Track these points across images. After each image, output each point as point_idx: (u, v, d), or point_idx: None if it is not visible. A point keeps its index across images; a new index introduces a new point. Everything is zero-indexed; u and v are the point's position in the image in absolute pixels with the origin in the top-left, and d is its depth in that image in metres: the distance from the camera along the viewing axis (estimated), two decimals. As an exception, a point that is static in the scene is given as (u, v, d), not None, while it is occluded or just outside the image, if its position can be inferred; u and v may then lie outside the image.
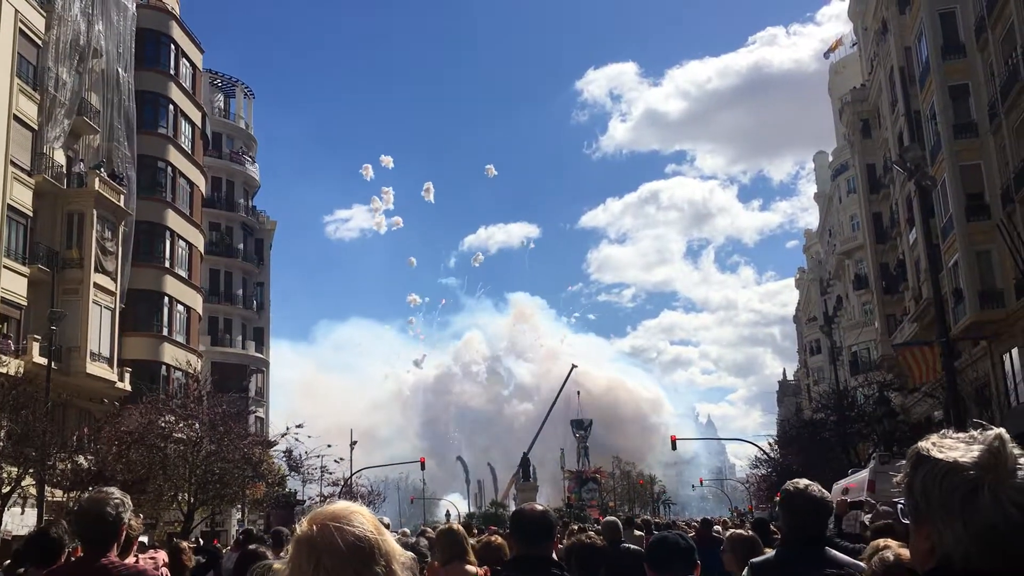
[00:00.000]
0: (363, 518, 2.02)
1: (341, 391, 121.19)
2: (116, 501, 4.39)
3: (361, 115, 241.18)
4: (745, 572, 4.33)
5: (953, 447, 1.61)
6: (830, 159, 73.94)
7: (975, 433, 1.63)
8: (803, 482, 4.39)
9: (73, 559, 5.16)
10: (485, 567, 6.16)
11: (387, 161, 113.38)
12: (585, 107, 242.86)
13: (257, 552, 7.83)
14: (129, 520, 5.25)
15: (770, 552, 4.56)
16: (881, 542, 4.40)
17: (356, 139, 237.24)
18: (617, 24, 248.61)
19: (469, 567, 6.03)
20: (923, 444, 1.65)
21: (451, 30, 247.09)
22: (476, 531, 21.10)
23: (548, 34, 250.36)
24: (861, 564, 3.89)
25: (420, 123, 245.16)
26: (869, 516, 9.77)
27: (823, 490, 4.36)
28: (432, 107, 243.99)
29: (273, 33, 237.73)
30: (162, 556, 6.91)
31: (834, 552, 4.22)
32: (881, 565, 3.22)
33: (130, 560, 5.30)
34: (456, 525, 6.86)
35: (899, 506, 1.98)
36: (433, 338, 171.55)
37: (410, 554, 2.12)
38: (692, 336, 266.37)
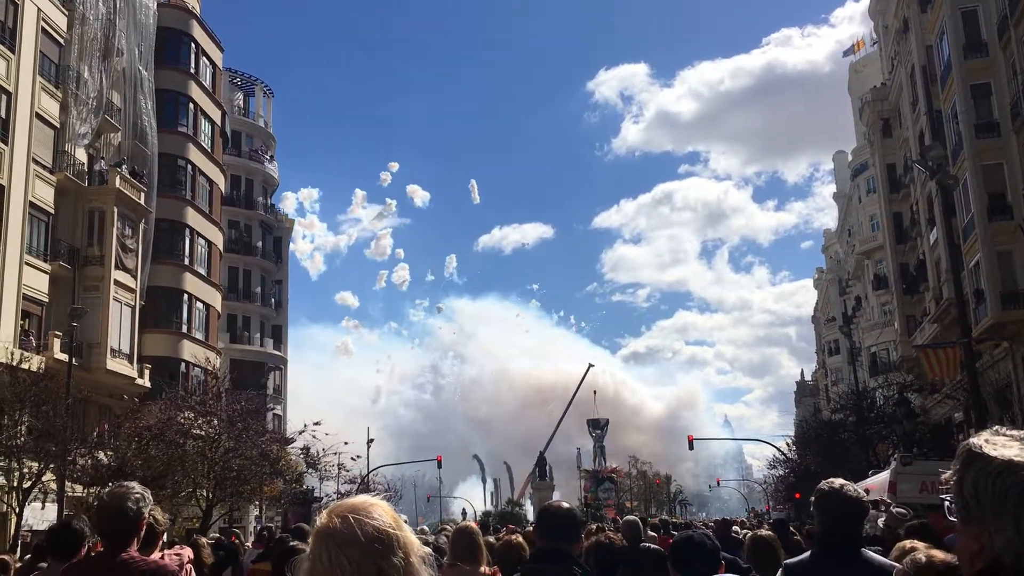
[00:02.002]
0: (382, 511, 2.05)
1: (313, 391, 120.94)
2: (137, 495, 4.38)
3: (374, 115, 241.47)
4: (779, 574, 4.26)
5: (1007, 445, 1.55)
6: (850, 158, 73.54)
7: None
8: (838, 482, 4.26)
9: (93, 554, 5.17)
10: (495, 567, 6.14)
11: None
12: (597, 108, 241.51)
13: (296, 548, 7.92)
14: (154, 514, 5.25)
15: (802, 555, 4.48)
16: (908, 543, 4.34)
17: (369, 137, 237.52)
18: (628, 24, 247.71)
19: (482, 569, 6.01)
20: (975, 441, 1.60)
21: (464, 31, 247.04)
22: (493, 530, 21.11)
23: (561, 34, 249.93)
24: (898, 566, 3.82)
25: (433, 124, 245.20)
26: (884, 518, 9.68)
27: (859, 490, 4.23)
28: (445, 108, 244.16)
29: (293, 32, 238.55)
30: (187, 553, 6.92)
31: (870, 554, 4.12)
32: (913, 566, 3.16)
33: (155, 555, 5.30)
34: (472, 524, 6.83)
35: (945, 504, 1.89)
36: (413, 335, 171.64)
37: (428, 548, 2.11)
38: (707, 336, 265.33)
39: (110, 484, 4.86)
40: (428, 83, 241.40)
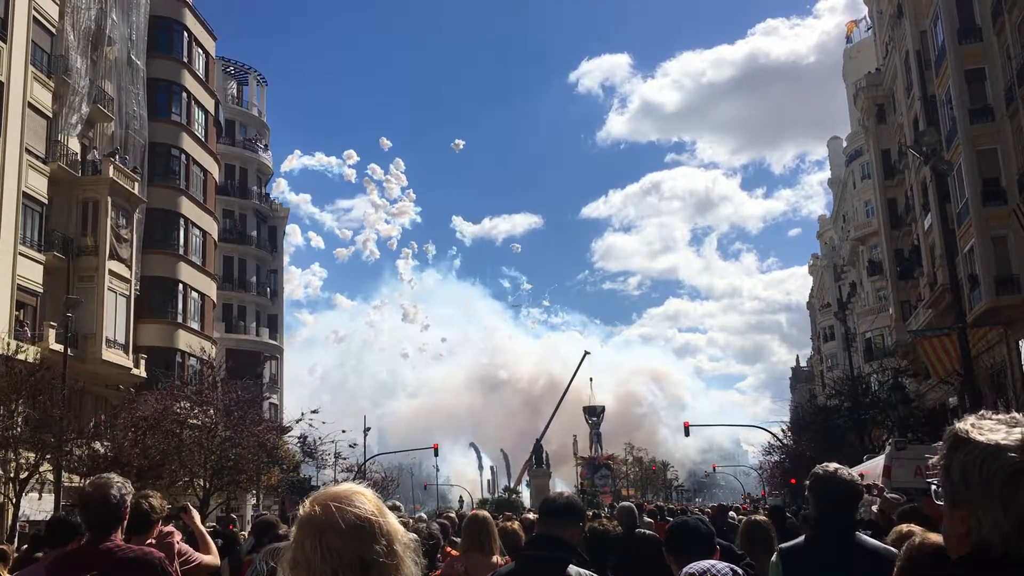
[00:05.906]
0: (365, 499, 2.04)
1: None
2: (119, 484, 4.49)
3: (362, 105, 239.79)
4: (774, 558, 4.28)
5: (994, 429, 1.56)
6: (844, 144, 73.50)
7: (1017, 415, 1.58)
8: (832, 465, 4.28)
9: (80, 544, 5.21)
10: (507, 557, 6.14)
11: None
12: (580, 100, 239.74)
13: (267, 522, 7.92)
14: (151, 501, 5.30)
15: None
16: (905, 527, 4.37)
17: (356, 129, 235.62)
18: (609, 13, 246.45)
19: (494, 559, 6.00)
20: (961, 425, 1.60)
21: (447, 22, 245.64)
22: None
23: (543, 21, 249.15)
24: (894, 549, 3.83)
25: (419, 115, 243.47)
26: (878, 503, 9.74)
27: (853, 473, 4.26)
28: (430, 99, 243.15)
29: (286, 21, 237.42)
30: (176, 536, 6.94)
31: (864, 537, 4.15)
32: (907, 549, 3.18)
33: (162, 538, 5.33)
34: (483, 513, 6.83)
35: (932, 488, 1.89)
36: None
37: (413, 535, 2.11)
38: (699, 324, 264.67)
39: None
40: (413, 75, 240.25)
